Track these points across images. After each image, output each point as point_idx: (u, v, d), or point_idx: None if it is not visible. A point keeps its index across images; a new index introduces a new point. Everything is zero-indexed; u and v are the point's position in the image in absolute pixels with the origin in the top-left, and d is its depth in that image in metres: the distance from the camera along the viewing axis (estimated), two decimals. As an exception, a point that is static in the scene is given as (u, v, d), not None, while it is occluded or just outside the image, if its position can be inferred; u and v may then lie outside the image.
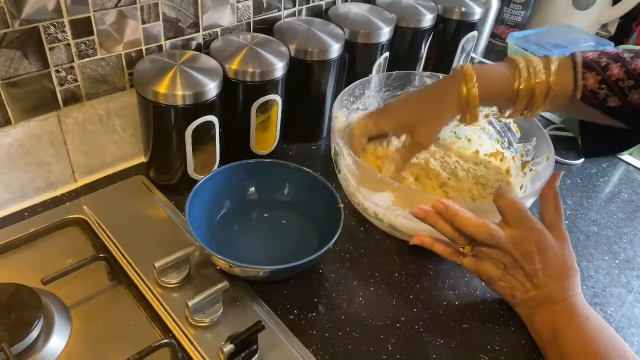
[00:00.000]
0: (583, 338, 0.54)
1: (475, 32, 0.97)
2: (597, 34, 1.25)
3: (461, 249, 0.59)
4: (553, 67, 0.58)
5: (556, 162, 0.87)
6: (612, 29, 1.28)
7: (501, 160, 0.80)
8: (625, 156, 0.93)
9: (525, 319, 0.60)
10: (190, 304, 0.53)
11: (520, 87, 0.58)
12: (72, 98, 0.65)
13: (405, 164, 0.68)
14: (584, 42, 1.12)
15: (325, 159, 0.82)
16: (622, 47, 1.06)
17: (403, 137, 0.69)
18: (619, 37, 1.27)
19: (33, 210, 0.66)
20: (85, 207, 0.66)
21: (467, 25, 0.95)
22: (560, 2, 1.24)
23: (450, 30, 0.95)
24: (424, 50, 0.94)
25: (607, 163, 0.91)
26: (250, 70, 0.67)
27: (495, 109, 0.76)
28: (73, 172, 0.69)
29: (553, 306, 0.56)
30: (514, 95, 0.59)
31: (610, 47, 1.10)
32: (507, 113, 0.62)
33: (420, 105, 0.65)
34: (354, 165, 0.64)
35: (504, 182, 0.76)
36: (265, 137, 0.76)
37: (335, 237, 0.58)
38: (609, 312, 0.64)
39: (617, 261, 0.72)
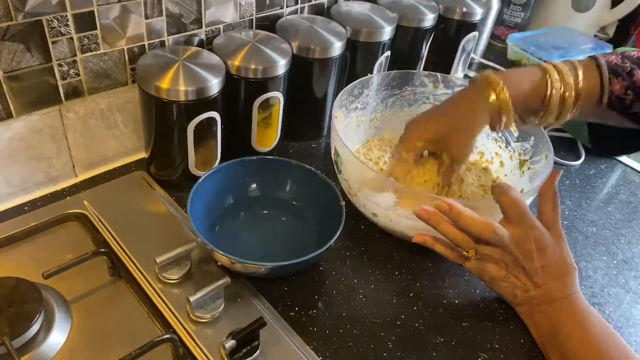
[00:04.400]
0: (584, 334, 0.54)
1: (476, 33, 0.97)
2: (595, 36, 1.26)
3: (465, 253, 0.59)
4: (580, 71, 0.56)
5: (555, 162, 0.88)
6: (611, 32, 1.28)
7: (501, 164, 0.80)
8: (624, 157, 0.93)
9: (525, 318, 0.60)
10: (192, 299, 0.53)
11: (552, 91, 0.57)
12: (74, 92, 0.65)
13: (448, 183, 0.65)
14: (582, 44, 1.13)
15: (325, 157, 0.82)
16: (621, 49, 1.06)
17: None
18: (618, 39, 1.28)
19: (33, 205, 0.66)
20: (85, 202, 0.66)
21: (468, 26, 0.95)
22: (560, 4, 1.24)
23: (451, 30, 0.95)
24: (425, 50, 0.94)
25: (605, 164, 0.91)
26: (253, 67, 0.67)
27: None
28: (74, 166, 0.69)
29: (554, 304, 0.56)
30: (546, 99, 0.57)
31: (608, 50, 1.11)
32: (537, 120, 0.60)
33: (447, 117, 0.63)
34: (355, 167, 0.64)
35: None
36: (267, 135, 0.76)
37: (337, 235, 0.58)
38: (607, 312, 0.65)
39: (615, 262, 0.72)
